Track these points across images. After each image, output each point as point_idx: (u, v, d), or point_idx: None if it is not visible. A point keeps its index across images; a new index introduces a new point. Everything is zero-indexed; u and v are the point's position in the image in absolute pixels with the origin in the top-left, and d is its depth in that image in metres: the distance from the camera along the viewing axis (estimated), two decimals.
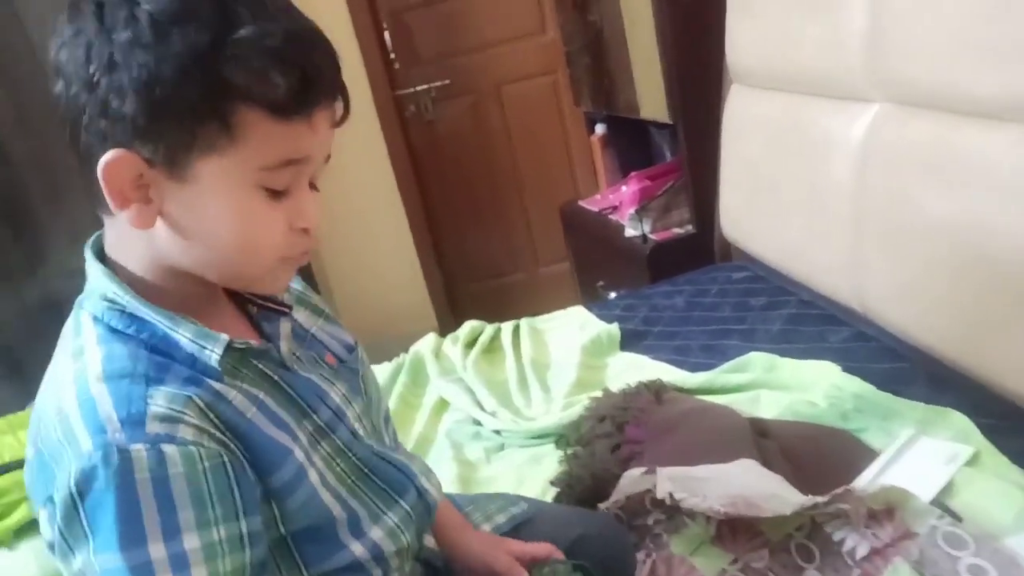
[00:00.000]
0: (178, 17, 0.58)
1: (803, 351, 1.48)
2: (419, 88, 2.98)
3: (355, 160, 2.93)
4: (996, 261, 1.13)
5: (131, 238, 0.66)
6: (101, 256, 0.68)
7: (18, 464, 1.53)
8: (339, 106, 0.65)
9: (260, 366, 0.70)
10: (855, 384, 1.30)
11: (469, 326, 1.87)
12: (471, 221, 3.15)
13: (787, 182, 1.65)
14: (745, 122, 1.82)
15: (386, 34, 2.91)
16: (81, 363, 0.63)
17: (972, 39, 1.12)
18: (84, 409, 0.60)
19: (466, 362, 1.72)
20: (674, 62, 1.96)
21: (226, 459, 0.62)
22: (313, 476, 0.69)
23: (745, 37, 1.75)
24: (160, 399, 0.60)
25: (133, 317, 0.65)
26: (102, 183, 0.61)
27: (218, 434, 0.62)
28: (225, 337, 0.66)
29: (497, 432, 1.47)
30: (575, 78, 2.64)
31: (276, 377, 0.71)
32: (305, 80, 0.61)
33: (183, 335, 0.65)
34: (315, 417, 0.72)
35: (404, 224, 3.05)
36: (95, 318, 0.66)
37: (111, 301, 0.65)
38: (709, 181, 1.99)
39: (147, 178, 0.62)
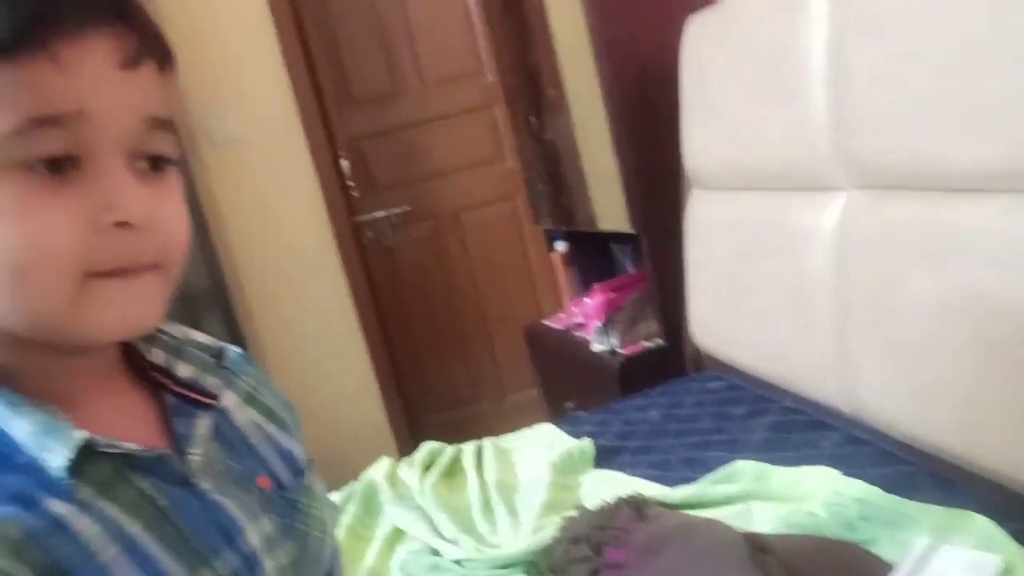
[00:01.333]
0: None
1: (792, 459, 1.35)
2: (378, 215, 2.94)
3: (313, 286, 2.84)
4: (997, 337, 1.04)
5: None
6: None
7: None
8: (124, 36, 0.46)
9: (142, 485, 0.50)
10: (858, 488, 1.17)
11: (427, 448, 1.71)
12: (432, 348, 3.03)
13: (760, 283, 1.57)
14: (709, 226, 1.77)
15: (343, 162, 2.89)
16: None
17: (942, 110, 1.08)
18: None
19: (423, 486, 1.55)
20: (632, 172, 1.93)
21: None
22: None
23: (702, 139, 1.73)
24: None
25: None
26: None
27: None
28: (80, 435, 0.47)
29: (458, 562, 1.29)
30: (534, 197, 2.63)
31: (163, 502, 0.50)
32: None
33: (20, 431, 0.46)
34: (217, 565, 0.51)
35: (363, 351, 2.92)
36: None
37: None
38: (675, 290, 1.92)
39: None
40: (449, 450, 1.70)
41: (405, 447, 2.93)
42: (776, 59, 1.42)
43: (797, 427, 1.48)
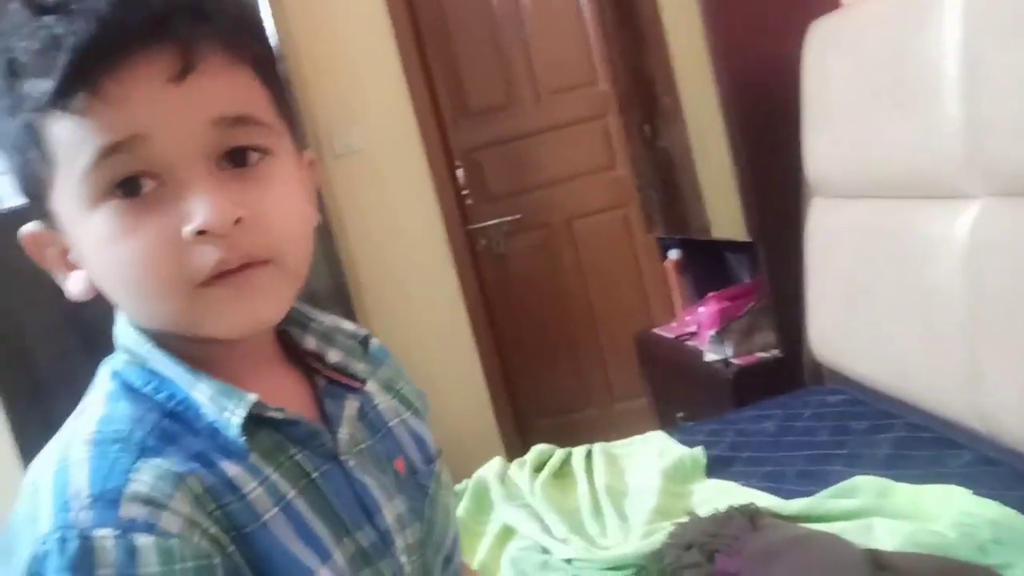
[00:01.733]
0: None
1: (918, 477, 1.30)
2: (490, 223, 3.01)
3: (427, 290, 2.93)
4: None
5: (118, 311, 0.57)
6: None
7: None
8: (169, 54, 0.47)
9: (300, 457, 0.55)
10: (992, 509, 1.11)
11: (537, 450, 1.74)
12: (542, 354, 3.06)
13: (886, 294, 1.52)
14: (831, 234, 1.72)
15: (459, 171, 2.98)
16: (77, 423, 0.52)
17: None
18: (57, 479, 0.48)
19: (534, 487, 1.58)
20: (750, 179, 1.90)
21: (217, 564, 0.47)
22: None
23: (825, 146, 1.69)
24: (146, 475, 0.47)
25: (153, 373, 0.53)
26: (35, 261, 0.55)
27: (214, 530, 0.48)
28: (251, 396, 0.52)
29: (568, 561, 1.31)
30: (646, 205, 2.62)
31: (318, 474, 0.55)
32: (49, 51, 0.46)
33: (201, 393, 0.52)
34: (358, 536, 0.56)
35: (474, 355, 2.99)
36: (114, 373, 0.55)
37: (131, 352, 0.55)
38: (793, 300, 1.87)
39: (57, 242, 0.54)
40: (559, 453, 1.72)
41: (513, 451, 2.97)
42: (905, 63, 1.38)
43: (923, 444, 1.42)
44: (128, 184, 0.48)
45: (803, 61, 1.71)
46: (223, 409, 0.51)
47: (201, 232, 0.48)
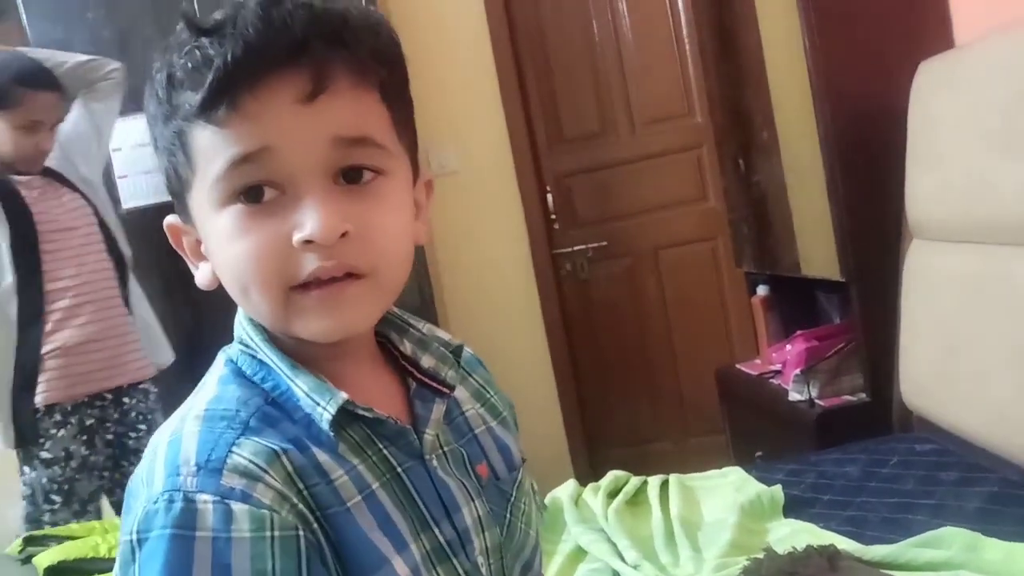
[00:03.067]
0: (157, 68, 0.58)
1: (1010, 534, 1.24)
2: (576, 248, 3.03)
3: (509, 311, 2.97)
4: None
5: None
6: None
7: None
8: (300, 76, 0.52)
9: (387, 452, 0.59)
10: None
11: (612, 476, 1.74)
12: (620, 382, 3.05)
13: (988, 343, 1.47)
14: (930, 278, 1.67)
15: (549, 196, 3.02)
16: (194, 401, 0.58)
17: None
18: (171, 447, 0.54)
19: (608, 512, 1.58)
20: (846, 218, 1.87)
21: (302, 536, 0.51)
22: None
23: (928, 188, 1.65)
24: (246, 450, 0.52)
25: (261, 364, 0.59)
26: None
27: (302, 507, 0.53)
28: (343, 395, 0.56)
29: None
30: (737, 239, 2.60)
31: (401, 469, 0.59)
32: (201, 67, 0.53)
33: (300, 387, 0.57)
34: (436, 532, 0.59)
35: (550, 379, 3.01)
36: (228, 359, 0.61)
37: (244, 344, 0.60)
38: (885, 343, 1.82)
39: (193, 235, 0.60)
40: (634, 480, 1.72)
41: (583, 478, 2.95)
42: (1019, 107, 1.34)
43: (1018, 501, 1.36)
44: (252, 191, 0.54)
45: (910, 100, 1.68)
46: (316, 404, 0.56)
47: (308, 241, 0.53)
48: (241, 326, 0.61)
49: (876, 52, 1.83)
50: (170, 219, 0.62)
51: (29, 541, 1.67)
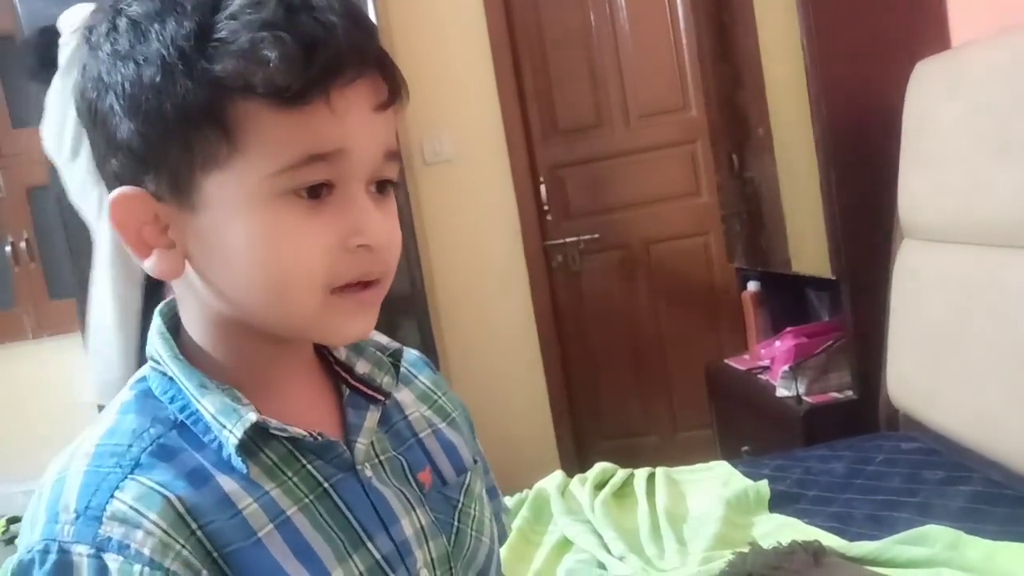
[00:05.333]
0: (159, 12, 0.49)
1: (992, 534, 1.26)
2: (568, 240, 3.03)
3: (500, 301, 2.98)
4: None
5: (182, 295, 0.56)
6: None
7: None
8: (378, 84, 0.51)
9: (311, 467, 0.55)
10: None
11: (600, 467, 1.75)
12: (609, 375, 3.06)
13: (976, 343, 1.48)
14: (920, 278, 1.68)
15: (542, 187, 3.02)
16: (91, 431, 0.54)
17: None
18: (54, 489, 0.50)
19: (594, 504, 1.58)
20: (838, 216, 1.88)
21: None
22: None
23: (921, 189, 1.66)
24: (129, 494, 0.48)
25: (171, 382, 0.55)
26: (115, 229, 0.53)
27: (189, 553, 0.48)
28: (251, 416, 0.52)
29: None
30: (729, 234, 2.60)
31: (329, 484, 0.55)
32: (307, 48, 0.47)
33: (206, 409, 0.52)
34: (370, 548, 0.55)
35: (539, 370, 3.01)
36: (138, 379, 0.57)
37: (155, 361, 0.56)
38: (873, 342, 1.83)
39: (163, 216, 0.52)
40: (621, 472, 1.73)
41: (570, 469, 2.96)
42: (1015, 110, 1.35)
43: (1001, 501, 1.37)
44: (315, 189, 0.51)
45: (906, 101, 1.69)
46: (223, 427, 0.52)
47: (363, 246, 0.52)
48: (151, 341, 0.57)
49: (872, 52, 1.83)
50: (125, 191, 0.52)
51: (13, 521, 1.67)
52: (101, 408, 0.65)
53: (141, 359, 1.77)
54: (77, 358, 2.40)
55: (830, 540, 1.32)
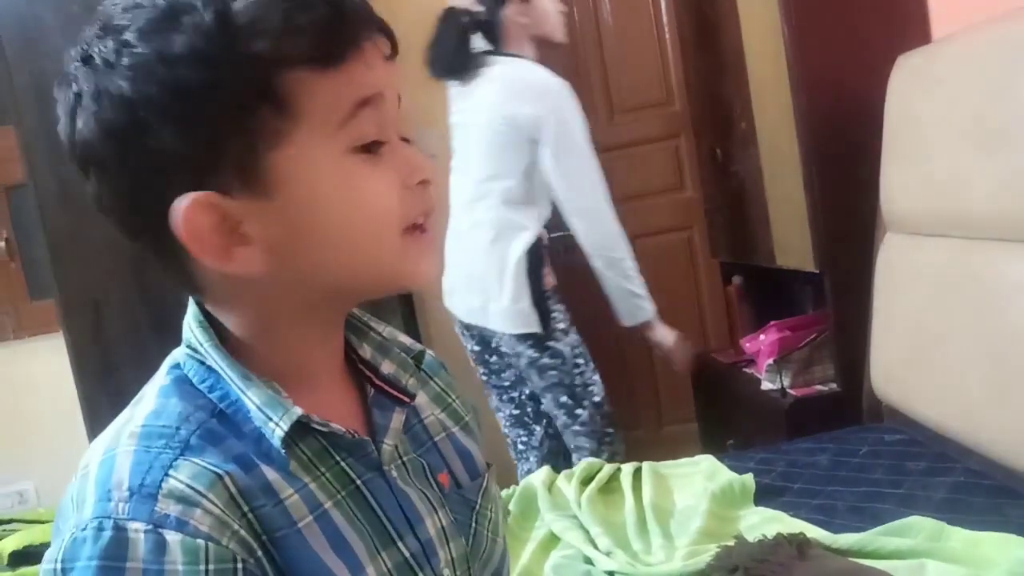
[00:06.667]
0: (168, 16, 0.49)
1: (974, 523, 1.27)
2: (553, 236, 3.02)
3: None
4: None
5: (229, 304, 0.56)
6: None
7: None
8: (387, 37, 0.56)
9: (344, 464, 0.56)
10: None
11: (586, 463, 1.75)
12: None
13: (959, 336, 1.49)
14: (904, 271, 1.69)
15: None
16: (131, 413, 0.54)
17: None
18: (103, 468, 0.50)
19: (581, 499, 1.58)
20: (821, 209, 1.89)
21: (240, 568, 0.48)
22: None
23: (903, 182, 1.67)
24: (184, 473, 0.49)
25: (210, 371, 0.55)
26: (189, 246, 0.51)
27: (245, 533, 0.49)
28: (297, 410, 0.53)
29: (610, 573, 1.31)
30: (713, 228, 2.61)
31: (361, 482, 0.57)
32: (336, 8, 0.51)
33: (251, 400, 0.53)
34: (400, 547, 0.57)
35: None
36: (173, 366, 0.57)
37: (193, 349, 0.56)
38: (857, 335, 1.84)
39: (233, 213, 0.51)
40: (608, 468, 1.73)
41: (557, 464, 2.97)
42: (996, 102, 1.36)
43: (982, 491, 1.38)
44: (367, 146, 0.54)
45: (888, 94, 1.69)
46: (268, 419, 0.53)
47: (422, 182, 0.56)
48: (189, 328, 0.57)
49: (855, 45, 1.84)
50: (197, 196, 0.50)
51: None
52: None
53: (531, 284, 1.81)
54: (58, 359, 2.38)
55: (815, 532, 1.33)
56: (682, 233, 2.97)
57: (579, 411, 2.02)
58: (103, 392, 2.23)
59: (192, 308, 0.58)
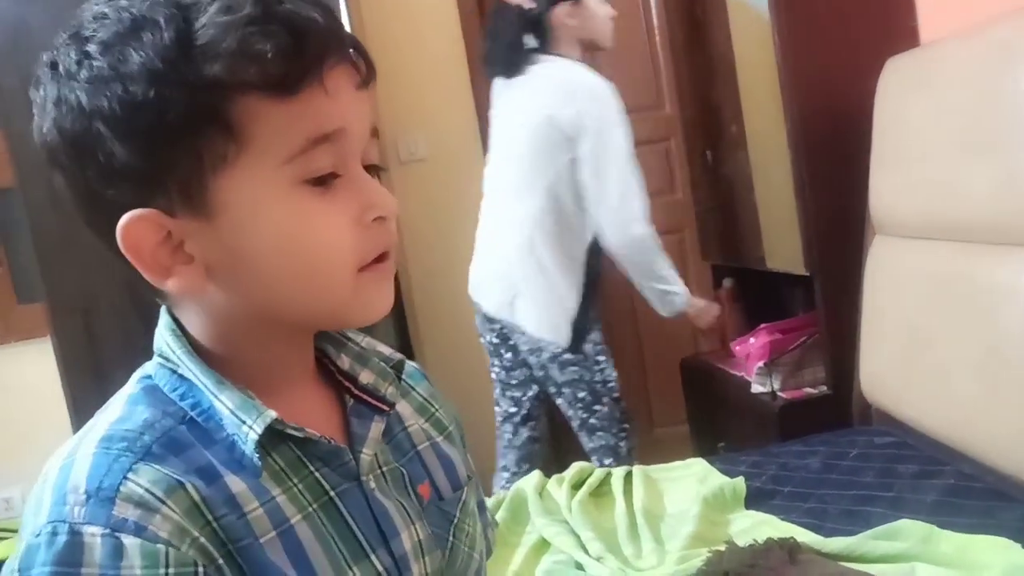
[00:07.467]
0: (131, 30, 0.49)
1: (965, 527, 1.27)
2: None
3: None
4: None
5: (186, 313, 0.56)
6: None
7: None
8: (357, 64, 0.53)
9: (319, 474, 0.55)
10: None
11: (577, 467, 1.75)
12: None
13: (949, 339, 1.49)
14: (893, 275, 1.70)
15: None
16: (96, 421, 0.53)
17: None
18: (61, 473, 0.49)
19: (572, 504, 1.58)
20: (812, 212, 1.89)
21: (202, 572, 0.47)
22: None
23: (893, 185, 1.67)
24: (144, 477, 0.48)
25: (182, 379, 0.54)
26: (131, 260, 0.51)
27: (205, 541, 0.48)
28: (271, 413, 0.52)
29: None
30: (703, 231, 2.62)
31: (335, 493, 0.55)
32: (297, 36, 0.49)
33: (225, 404, 0.52)
34: (372, 560, 0.55)
35: None
36: (142, 376, 0.56)
37: (164, 358, 0.55)
38: (847, 337, 1.85)
39: (177, 232, 0.51)
40: (598, 472, 1.72)
41: (548, 469, 2.97)
42: (986, 105, 1.36)
43: (974, 494, 1.39)
44: (324, 177, 0.52)
45: (876, 98, 1.70)
46: (242, 423, 0.52)
47: (378, 218, 0.54)
48: (162, 337, 0.56)
49: (844, 49, 1.84)
50: (140, 212, 0.50)
51: None
52: None
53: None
54: (47, 363, 2.36)
55: (805, 536, 1.33)
56: (673, 236, 2.96)
57: (597, 407, 2.03)
58: (92, 397, 2.18)
59: (164, 318, 0.57)
